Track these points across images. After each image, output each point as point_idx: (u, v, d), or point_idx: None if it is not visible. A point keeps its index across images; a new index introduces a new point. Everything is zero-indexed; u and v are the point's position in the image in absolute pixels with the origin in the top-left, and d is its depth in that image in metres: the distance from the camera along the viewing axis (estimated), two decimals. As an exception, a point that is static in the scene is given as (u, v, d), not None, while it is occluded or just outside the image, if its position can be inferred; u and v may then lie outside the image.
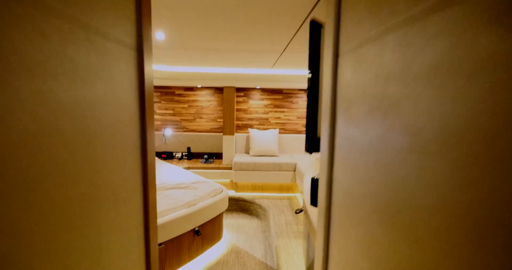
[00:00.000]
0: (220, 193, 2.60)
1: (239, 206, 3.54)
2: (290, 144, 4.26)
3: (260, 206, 3.34)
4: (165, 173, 3.08)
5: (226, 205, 2.64)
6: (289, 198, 3.53)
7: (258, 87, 3.98)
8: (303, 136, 4.26)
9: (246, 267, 2.31)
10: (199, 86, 3.95)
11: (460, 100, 0.31)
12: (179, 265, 2.16)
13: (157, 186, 2.39)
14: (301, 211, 1.88)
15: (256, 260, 2.40)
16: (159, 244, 2.18)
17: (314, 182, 1.02)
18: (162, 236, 1.99)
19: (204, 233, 2.39)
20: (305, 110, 4.34)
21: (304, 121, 4.34)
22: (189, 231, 2.23)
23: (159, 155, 4.19)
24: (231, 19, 1.60)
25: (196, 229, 2.28)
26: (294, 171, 3.66)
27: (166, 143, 4.22)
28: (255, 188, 3.81)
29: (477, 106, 0.28)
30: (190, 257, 2.26)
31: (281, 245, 2.30)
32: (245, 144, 4.24)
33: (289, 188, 3.78)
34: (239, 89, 4.26)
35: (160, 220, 1.99)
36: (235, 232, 2.94)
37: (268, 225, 3.02)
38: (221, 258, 2.45)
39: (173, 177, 2.85)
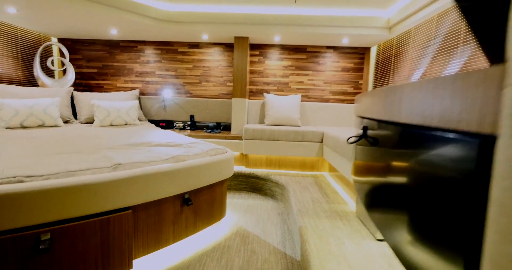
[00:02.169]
0: (224, 153, 1.88)
1: (250, 184, 2.81)
2: (315, 114, 3.48)
3: (276, 184, 2.60)
4: (157, 135, 2.41)
5: (231, 170, 1.91)
6: (314, 177, 2.76)
7: (277, 38, 3.23)
8: (333, 105, 3.47)
9: (255, 256, 1.57)
10: (205, 37, 3.26)
11: None
12: (159, 245, 1.46)
13: (138, 143, 1.66)
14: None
15: (270, 248, 1.66)
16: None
17: None
18: (129, 198, 1.29)
19: (198, 205, 1.67)
20: (335, 73, 3.65)
21: (333, 87, 3.55)
22: (174, 197, 1.52)
23: (157, 123, 3.54)
24: None
25: (186, 196, 1.57)
26: (321, 142, 2.88)
27: (166, 110, 3.57)
28: (270, 163, 3.06)
29: None
30: (176, 236, 1.55)
31: (309, 226, 1.55)
32: (259, 112, 3.50)
33: (313, 165, 3.00)
34: (253, 46, 3.53)
35: (124, 173, 1.29)
36: (242, 213, 2.21)
37: (287, 207, 2.27)
38: (222, 242, 1.73)
39: (165, 138, 2.17)
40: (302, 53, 3.52)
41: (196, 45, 3.56)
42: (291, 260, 1.55)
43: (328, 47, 3.49)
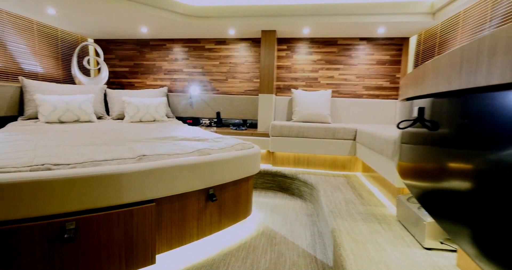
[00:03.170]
0: (250, 148, 1.79)
1: (276, 183, 2.70)
2: (347, 111, 3.27)
3: (305, 183, 2.45)
4: (183, 130, 2.39)
5: (257, 167, 1.82)
6: (346, 177, 2.57)
7: (305, 31, 3.07)
8: (366, 101, 3.23)
9: (283, 258, 1.46)
10: (231, 32, 3.21)
11: None
12: (182, 241, 1.41)
13: (164, 137, 1.61)
14: None
15: (299, 250, 1.53)
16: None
17: None
18: (153, 190, 1.25)
19: (222, 201, 1.60)
20: (369, 66, 3.39)
21: (367, 82, 3.31)
22: (198, 192, 1.46)
23: (184, 120, 3.57)
24: None
25: (211, 191, 1.51)
26: (354, 140, 2.68)
27: (192, 107, 3.58)
28: (298, 162, 2.92)
29: None
30: (200, 232, 1.49)
31: (342, 229, 1.40)
32: (286, 109, 3.37)
33: (345, 164, 2.81)
34: (281, 40, 3.41)
35: (148, 165, 1.25)
36: (269, 212, 2.11)
37: (316, 208, 2.12)
38: (247, 241, 1.63)
39: (191, 133, 2.14)
40: (332, 46, 3.33)
41: (222, 41, 3.53)
42: (322, 265, 1.41)
43: (362, 39, 3.26)
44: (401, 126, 0.83)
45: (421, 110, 0.74)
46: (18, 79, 2.81)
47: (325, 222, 1.65)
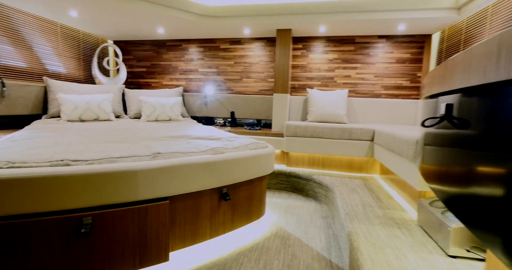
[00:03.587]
0: (264, 148, 1.77)
1: (290, 183, 2.66)
2: (364, 111, 3.17)
3: (320, 185, 2.40)
4: (198, 129, 2.41)
5: (271, 166, 1.79)
6: (363, 179, 2.49)
7: (322, 29, 3.01)
8: (385, 101, 3.12)
9: (297, 260, 1.42)
10: (246, 31, 3.20)
11: None
12: (195, 240, 1.40)
13: (178, 136, 1.61)
14: None
15: (313, 253, 1.49)
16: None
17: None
18: (167, 187, 1.25)
19: (236, 200, 1.58)
20: (388, 65, 3.27)
21: (386, 81, 3.20)
22: (211, 191, 1.45)
23: (199, 120, 3.60)
24: None
25: (224, 190, 1.49)
26: (372, 140, 2.59)
27: (207, 106, 3.61)
28: (313, 163, 2.86)
29: None
30: (213, 231, 1.48)
31: (359, 232, 1.34)
32: (301, 109, 3.32)
33: (362, 166, 2.72)
34: (296, 39, 3.36)
35: (162, 162, 1.26)
36: (283, 213, 2.07)
37: (332, 210, 2.06)
38: (260, 242, 1.61)
39: (205, 132, 2.15)
40: (349, 45, 3.24)
41: (237, 41, 3.53)
42: (337, 269, 1.36)
43: (380, 37, 3.16)
44: (426, 123, 0.77)
45: (449, 106, 0.69)
46: (42, 79, 2.94)
47: (341, 225, 1.60)
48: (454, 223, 1.12)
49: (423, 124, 0.77)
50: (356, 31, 3.04)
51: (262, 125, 3.51)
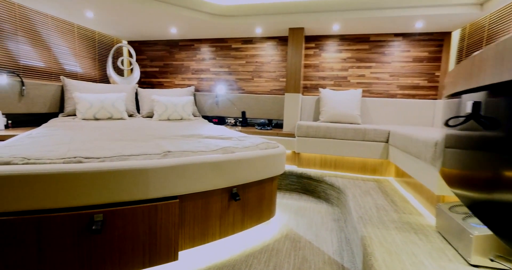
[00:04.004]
0: (275, 148, 1.74)
1: (301, 185, 2.61)
2: (379, 111, 3.08)
3: (331, 186, 2.34)
4: (209, 129, 2.40)
5: (282, 167, 1.76)
6: (377, 181, 2.41)
7: (335, 27, 2.95)
8: (401, 101, 3.02)
9: (307, 264, 1.38)
10: (258, 30, 3.17)
11: None
12: (204, 239, 1.39)
13: (189, 135, 1.58)
14: None
15: (325, 257, 1.45)
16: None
17: None
18: (177, 186, 1.25)
19: (246, 201, 1.56)
20: (404, 64, 3.14)
21: (402, 81, 3.10)
22: (221, 191, 1.44)
23: (210, 119, 3.61)
24: None
25: (234, 190, 1.48)
26: (387, 142, 2.51)
27: (218, 106, 3.61)
28: (324, 164, 2.80)
29: None
30: (223, 231, 1.47)
31: (374, 237, 1.29)
32: (313, 109, 3.26)
33: (375, 168, 2.64)
34: (309, 38, 3.31)
35: (172, 161, 1.25)
36: (293, 215, 2.04)
37: (344, 213, 2.01)
38: (270, 243, 1.58)
39: (216, 132, 2.14)
40: (364, 43, 3.16)
41: (249, 41, 3.51)
42: (350, 275, 1.31)
43: (396, 35, 3.06)
44: (450, 123, 0.72)
45: (476, 105, 0.64)
46: (59, 79, 3.02)
47: (354, 228, 1.55)
48: (477, 230, 1.06)
49: (446, 124, 0.72)
50: (371, 29, 2.96)
51: (273, 125, 3.48)
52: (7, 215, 0.98)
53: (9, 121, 2.44)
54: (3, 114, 2.39)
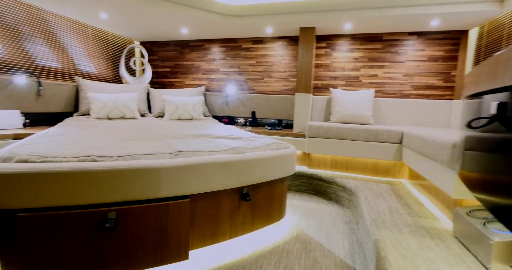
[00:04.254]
0: (286, 148, 1.72)
1: (312, 186, 2.58)
2: (392, 112, 3.01)
3: (343, 188, 2.30)
4: (219, 129, 2.41)
5: (292, 168, 1.74)
6: (390, 183, 2.36)
7: (347, 26, 2.90)
8: (415, 101, 2.95)
9: (318, 266, 1.36)
10: (269, 30, 3.16)
11: None
12: (215, 239, 1.39)
13: (200, 135, 1.58)
14: None
15: (336, 260, 1.42)
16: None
17: None
18: (188, 186, 1.25)
19: (256, 201, 1.55)
20: (418, 63, 3.05)
21: (416, 81, 3.03)
22: (232, 191, 1.43)
23: (220, 119, 3.62)
24: None
25: (244, 191, 1.47)
26: (400, 143, 2.45)
27: (228, 106, 3.62)
28: (335, 165, 2.76)
29: None
30: (233, 231, 1.46)
31: (387, 241, 1.26)
32: (324, 109, 3.22)
33: (388, 170, 2.58)
34: (320, 38, 3.27)
35: (184, 160, 1.26)
36: (303, 216, 2.01)
37: (355, 215, 1.97)
38: (280, 245, 1.57)
39: (226, 132, 2.14)
40: (376, 43, 3.10)
41: (259, 41, 3.51)
42: (363, 279, 1.28)
43: (411, 33, 2.99)
44: (473, 125, 0.69)
45: (501, 105, 0.61)
46: (74, 79, 3.10)
47: (366, 231, 1.51)
48: (498, 236, 1.01)
49: (468, 125, 0.69)
50: (384, 28, 2.90)
51: (283, 125, 3.46)
52: (25, 211, 1.00)
53: (27, 120, 2.52)
54: (21, 113, 2.46)
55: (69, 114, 2.93)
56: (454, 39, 2.88)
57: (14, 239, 1.03)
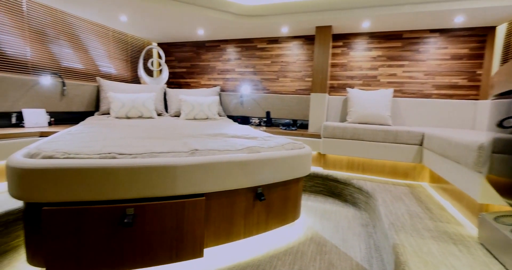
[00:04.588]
0: (301, 148, 1.70)
1: (327, 187, 2.54)
2: (412, 112, 2.91)
3: (359, 190, 2.25)
4: (234, 128, 2.42)
5: (308, 168, 1.72)
6: (409, 186, 2.28)
7: (365, 25, 2.83)
8: (437, 101, 2.83)
9: (334, 269, 1.33)
10: (284, 30, 3.14)
11: None
12: (229, 238, 1.40)
13: (215, 134, 1.61)
14: None
15: (352, 263, 1.39)
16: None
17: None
18: (203, 184, 1.26)
19: (270, 201, 1.54)
20: (441, 62, 2.89)
21: (438, 80, 2.91)
22: (247, 190, 1.43)
23: (235, 119, 3.64)
24: None
25: (259, 190, 1.47)
26: (421, 145, 2.36)
27: (243, 106, 3.63)
28: (351, 166, 2.70)
29: None
30: (247, 231, 1.46)
31: (407, 245, 1.21)
32: (340, 109, 3.16)
33: (407, 172, 2.50)
34: (336, 37, 3.21)
35: (199, 159, 1.27)
36: (318, 217, 1.98)
37: (373, 218, 1.92)
38: (295, 246, 1.55)
39: (241, 131, 2.15)
40: (396, 41, 3.00)
41: (275, 40, 3.49)
42: (380, 284, 1.24)
43: (432, 31, 2.87)
44: (505, 124, 0.65)
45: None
46: (95, 79, 3.22)
47: (384, 235, 1.47)
48: (530, 245, 0.95)
49: (500, 125, 0.65)
50: (404, 25, 2.81)
51: (298, 125, 3.43)
52: (50, 205, 1.05)
53: (52, 119, 2.64)
54: (47, 112, 2.59)
55: (90, 113, 3.05)
56: (480, 36, 2.74)
57: (40, 231, 1.08)
